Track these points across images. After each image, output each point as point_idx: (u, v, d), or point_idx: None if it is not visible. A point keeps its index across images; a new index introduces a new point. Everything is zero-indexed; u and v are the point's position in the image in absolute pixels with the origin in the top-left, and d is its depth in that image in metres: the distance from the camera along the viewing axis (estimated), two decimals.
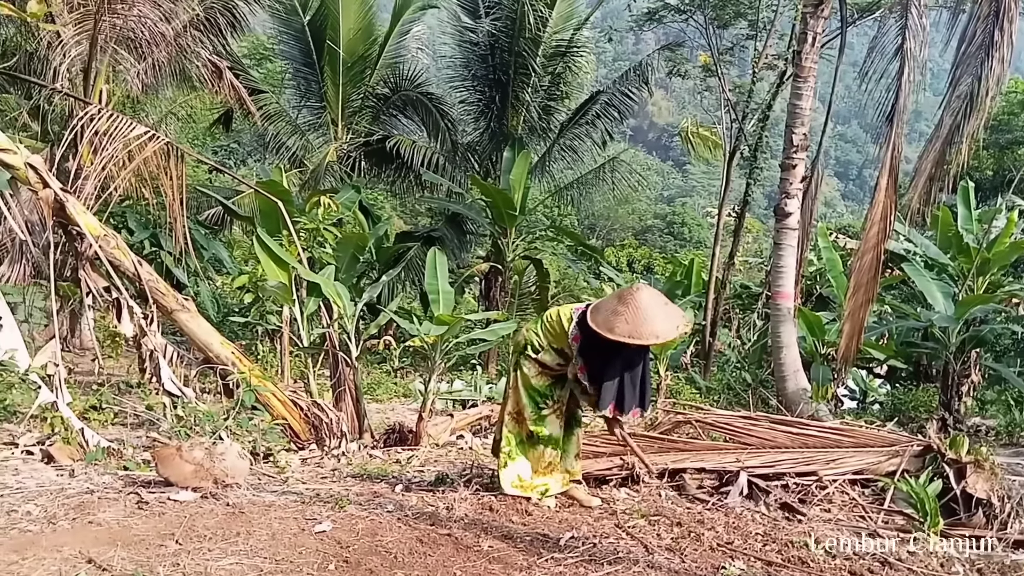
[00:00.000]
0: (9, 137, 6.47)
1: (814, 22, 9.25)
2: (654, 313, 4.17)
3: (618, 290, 4.50)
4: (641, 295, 4.21)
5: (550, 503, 4.60)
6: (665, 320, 4.20)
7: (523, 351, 4.68)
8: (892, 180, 8.25)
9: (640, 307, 4.15)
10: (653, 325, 4.15)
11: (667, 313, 4.25)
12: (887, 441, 5.39)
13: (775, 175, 11.75)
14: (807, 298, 13.86)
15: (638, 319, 4.13)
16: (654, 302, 4.23)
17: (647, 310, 4.16)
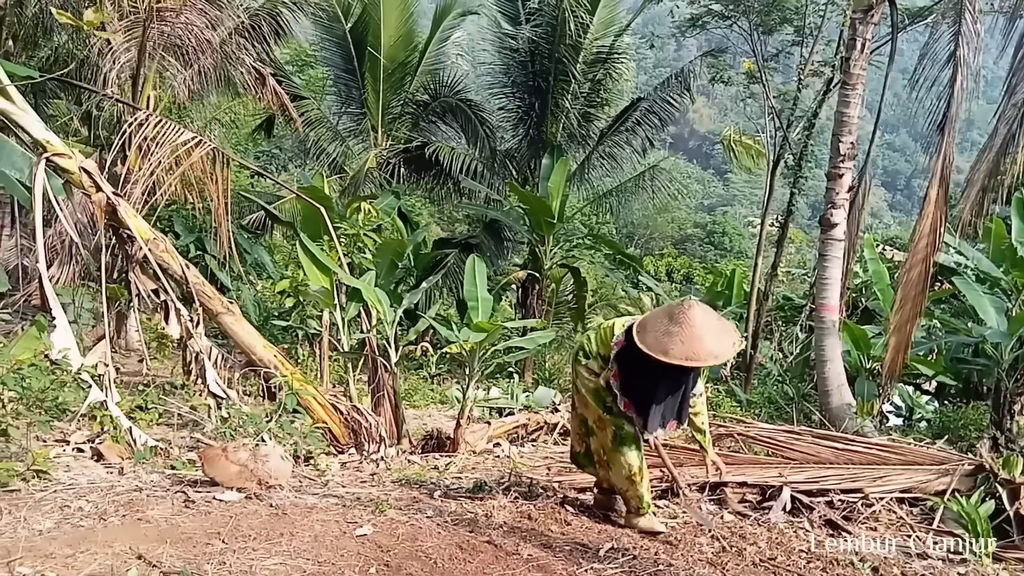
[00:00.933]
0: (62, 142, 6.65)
1: (863, 28, 9.08)
2: (709, 331, 3.90)
3: (667, 306, 4.17)
4: (694, 312, 3.92)
5: (647, 523, 4.34)
6: (721, 338, 3.94)
7: (576, 356, 4.57)
8: (943, 191, 8.06)
9: (694, 325, 3.87)
10: (710, 345, 3.87)
11: (722, 329, 4.00)
12: (937, 459, 5.27)
13: (819, 184, 11.57)
14: (852, 311, 13.60)
15: (693, 339, 3.85)
16: (708, 319, 3.95)
17: (702, 328, 3.87)
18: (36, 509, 4.00)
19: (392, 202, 14.28)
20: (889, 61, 9.74)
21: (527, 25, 17.25)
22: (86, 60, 11.42)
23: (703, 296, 17.35)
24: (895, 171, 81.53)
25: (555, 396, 9.08)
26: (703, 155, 74.90)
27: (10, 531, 3.66)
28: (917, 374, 12.03)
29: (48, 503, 4.11)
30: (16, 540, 3.51)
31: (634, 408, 4.20)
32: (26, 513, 3.90)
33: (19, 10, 11.44)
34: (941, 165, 8.13)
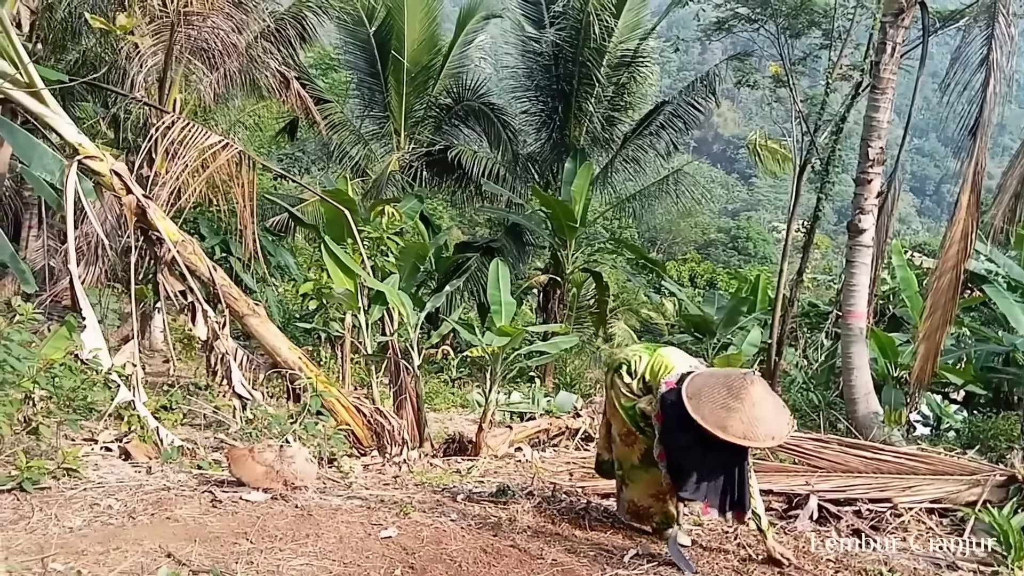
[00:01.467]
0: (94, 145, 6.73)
1: (894, 32, 8.97)
2: (768, 410, 3.72)
3: (724, 374, 4.03)
4: (756, 390, 3.72)
5: (673, 532, 4.12)
6: (778, 418, 3.75)
7: (617, 369, 4.36)
8: (974, 197, 7.94)
9: (756, 404, 3.67)
10: (769, 425, 3.68)
11: (777, 408, 3.81)
12: (967, 470, 5.18)
13: (846, 189, 11.47)
14: (879, 318, 13.42)
15: (753, 418, 3.65)
16: (767, 397, 3.77)
17: (762, 407, 3.69)
18: (67, 507, 4.06)
19: (415, 205, 14.32)
20: (920, 65, 9.61)
21: (551, 28, 17.24)
22: (114, 64, 11.56)
23: (727, 302, 17.21)
24: (924, 176, 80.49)
25: (576, 401, 9.05)
26: (727, 159, 74.43)
27: (42, 528, 3.71)
28: (946, 383, 11.86)
29: (78, 501, 4.17)
30: (49, 537, 3.57)
31: (667, 464, 4.00)
32: (57, 510, 3.96)
33: (49, 14, 11.61)
34: (973, 170, 8.01)
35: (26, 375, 4.60)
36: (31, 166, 6.68)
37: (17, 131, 6.86)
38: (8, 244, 6.92)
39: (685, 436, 3.83)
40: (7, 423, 4.37)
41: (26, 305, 4.58)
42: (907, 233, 51.58)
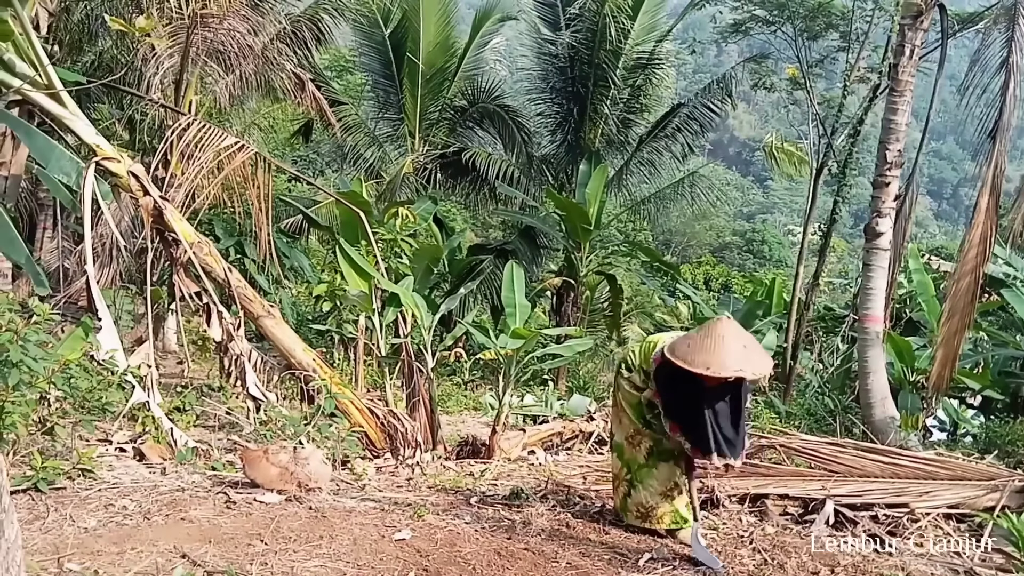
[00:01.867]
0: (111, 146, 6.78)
1: (912, 34, 8.89)
2: (735, 345, 3.86)
3: (700, 326, 4.19)
4: (723, 326, 3.92)
5: (694, 529, 4.16)
6: (746, 355, 3.87)
7: (619, 369, 4.53)
8: (993, 200, 7.85)
9: (721, 338, 3.85)
10: (732, 359, 3.82)
11: (750, 348, 3.93)
12: (986, 475, 5.12)
13: (863, 193, 11.39)
14: (896, 322, 13.32)
15: (716, 350, 3.81)
16: (737, 335, 3.93)
17: (728, 342, 3.84)
18: (82, 507, 4.08)
19: (429, 207, 14.34)
20: (938, 67, 9.52)
21: (567, 31, 17.21)
22: (130, 66, 11.65)
23: (742, 306, 17.11)
24: (941, 180, 79.80)
25: (590, 404, 9.01)
26: (743, 162, 74.09)
27: (57, 528, 3.73)
28: (963, 388, 11.76)
29: (93, 501, 4.19)
30: (64, 537, 3.59)
31: (681, 431, 4.11)
32: (72, 511, 3.98)
33: (66, 16, 11.71)
34: (992, 173, 7.92)
35: (42, 376, 4.62)
36: (48, 168, 6.72)
37: (35, 133, 6.91)
38: (23, 245, 6.95)
39: (681, 394, 4.04)
40: (23, 423, 4.39)
41: (43, 306, 4.60)
42: (924, 237, 51.16)
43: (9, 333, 4.34)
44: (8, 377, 4.30)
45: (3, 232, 6.57)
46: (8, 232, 6.63)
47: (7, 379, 4.31)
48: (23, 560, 2.03)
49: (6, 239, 6.61)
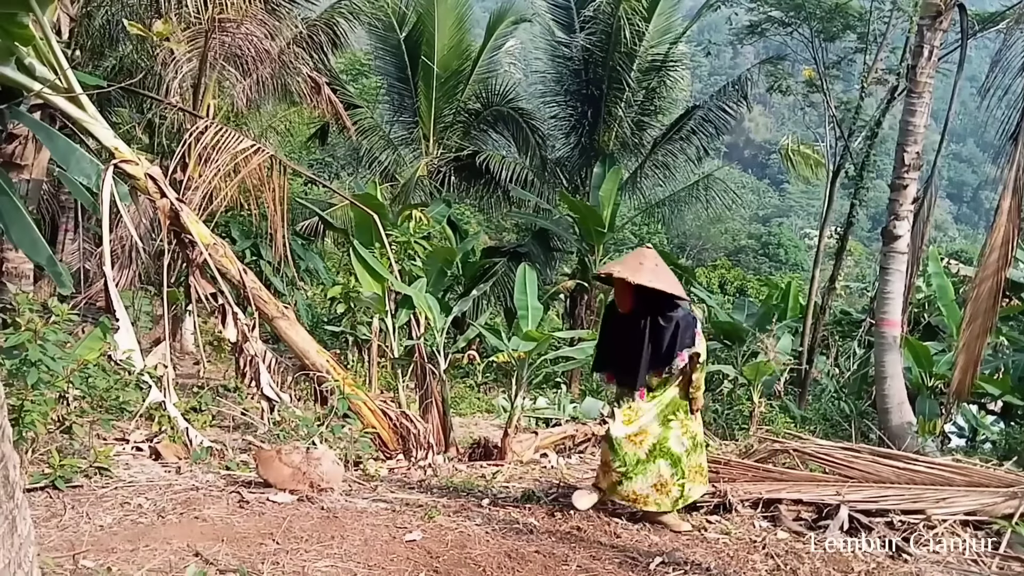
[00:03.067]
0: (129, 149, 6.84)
1: (931, 35, 8.80)
2: (637, 261, 4.47)
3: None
4: (640, 249, 4.64)
5: (671, 520, 4.53)
6: (640, 268, 4.39)
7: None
8: (1015, 203, 7.73)
9: (631, 254, 4.59)
10: (624, 267, 4.45)
11: (653, 267, 4.43)
12: (1004, 481, 5.05)
13: (880, 195, 11.30)
14: (914, 327, 13.21)
15: (619, 262, 4.52)
16: (645, 255, 4.53)
17: (632, 258, 4.55)
18: (98, 505, 4.12)
19: (443, 210, 14.37)
20: (958, 68, 9.41)
21: (581, 33, 17.22)
22: (150, 70, 11.77)
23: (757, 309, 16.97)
24: (961, 182, 78.90)
25: (603, 407, 9.00)
26: (759, 165, 73.68)
27: (73, 525, 3.78)
28: (982, 393, 11.63)
29: (109, 499, 4.23)
30: (80, 534, 3.63)
31: (616, 378, 4.74)
32: (88, 508, 4.03)
33: (88, 21, 11.84)
34: (1014, 176, 7.80)
35: (61, 375, 4.68)
36: (69, 170, 6.80)
37: (56, 136, 6.99)
38: (46, 247, 7.04)
39: (604, 335, 4.84)
40: (42, 422, 4.45)
41: (62, 306, 4.66)
42: (944, 240, 50.66)
43: (29, 333, 4.40)
44: (27, 376, 4.37)
45: (26, 233, 6.66)
46: (31, 233, 6.72)
47: (27, 378, 4.37)
48: (36, 556, 2.06)
49: (29, 240, 6.71)
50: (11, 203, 6.56)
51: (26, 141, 9.48)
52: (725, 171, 23.39)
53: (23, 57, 5.73)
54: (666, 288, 4.41)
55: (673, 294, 4.44)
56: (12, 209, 6.57)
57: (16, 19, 4.91)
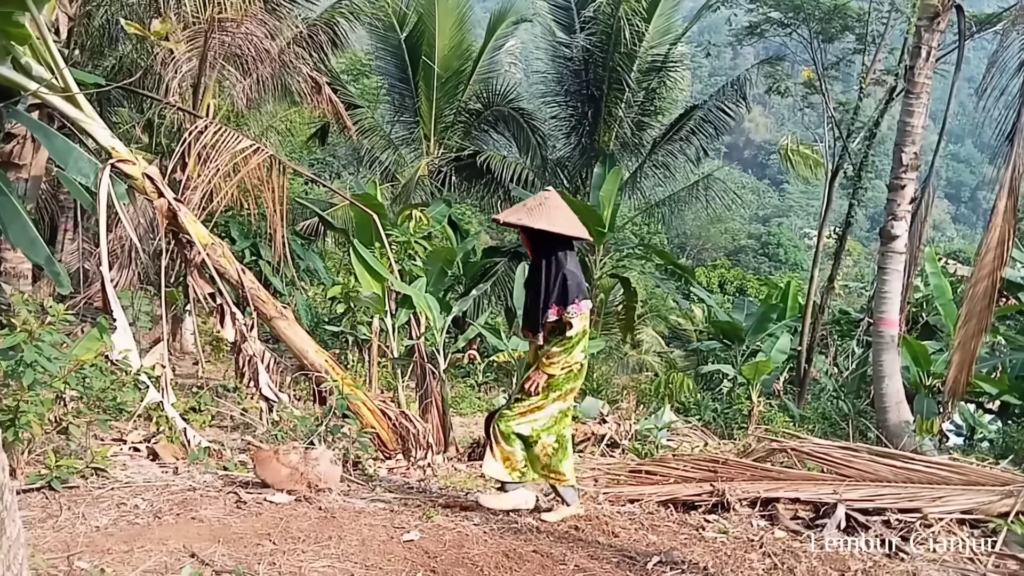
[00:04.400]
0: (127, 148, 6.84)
1: (929, 36, 8.84)
2: (532, 203, 4.51)
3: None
4: (544, 193, 4.58)
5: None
6: (526, 212, 4.44)
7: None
8: (1012, 203, 7.77)
9: (536, 198, 4.55)
10: (519, 213, 4.51)
11: (544, 212, 4.41)
12: (1001, 480, 5.06)
13: (879, 196, 11.33)
14: (912, 326, 13.24)
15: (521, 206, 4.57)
16: (543, 198, 4.51)
17: (531, 201, 4.56)
18: (94, 505, 4.11)
19: (443, 210, 14.36)
20: (956, 69, 9.45)
21: (582, 34, 17.24)
22: (149, 69, 11.76)
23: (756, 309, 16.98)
24: (959, 183, 78.97)
25: (603, 407, 9.01)
26: (758, 165, 73.70)
27: (69, 526, 3.77)
28: (980, 392, 11.66)
29: (106, 500, 4.23)
30: (75, 535, 3.62)
31: (523, 327, 4.84)
32: (85, 509, 4.02)
33: (87, 21, 11.84)
34: (1010, 176, 7.84)
35: (57, 375, 4.68)
36: (67, 169, 6.80)
37: (54, 135, 6.99)
38: (44, 247, 7.04)
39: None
40: (38, 423, 4.43)
41: (58, 306, 4.65)
42: (942, 240, 50.73)
43: (24, 333, 4.40)
44: (23, 377, 4.36)
45: (24, 233, 6.67)
46: (29, 233, 6.72)
47: (22, 379, 4.37)
48: (26, 558, 2.06)
49: (27, 240, 6.71)
50: (9, 203, 6.56)
51: (24, 140, 9.48)
52: (725, 171, 23.42)
53: (20, 56, 5.73)
54: (553, 228, 4.32)
55: (565, 234, 4.38)
56: (10, 209, 6.57)
57: (12, 18, 4.92)
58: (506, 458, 4.47)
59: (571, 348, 4.39)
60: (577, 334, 4.37)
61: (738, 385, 11.79)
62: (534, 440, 4.47)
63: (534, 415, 4.46)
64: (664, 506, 5.02)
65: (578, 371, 4.51)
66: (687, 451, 7.30)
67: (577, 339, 4.39)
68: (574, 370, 4.48)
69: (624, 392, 13.57)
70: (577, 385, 4.57)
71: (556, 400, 4.48)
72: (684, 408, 10.39)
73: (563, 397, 4.51)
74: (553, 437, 4.51)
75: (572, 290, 4.31)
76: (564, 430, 4.57)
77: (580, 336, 4.40)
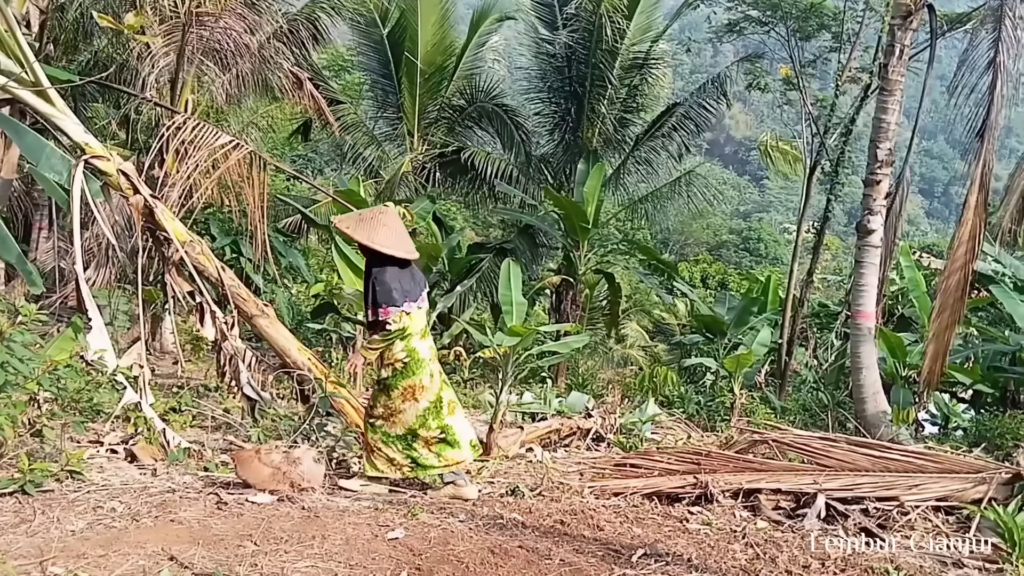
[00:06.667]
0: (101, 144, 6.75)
1: (902, 34, 8.95)
2: (367, 215, 5.08)
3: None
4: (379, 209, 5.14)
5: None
6: (357, 219, 5.09)
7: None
8: (982, 197, 7.91)
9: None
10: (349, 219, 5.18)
11: (366, 218, 4.98)
12: (974, 467, 5.16)
13: (856, 191, 11.44)
14: (888, 318, 13.38)
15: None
16: (370, 209, 5.19)
17: (365, 212, 5.23)
18: (69, 509, 4.02)
19: (428, 206, 14.34)
20: (928, 67, 9.59)
21: (564, 30, 17.23)
22: (125, 64, 11.61)
23: (738, 303, 17.08)
24: (932, 178, 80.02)
25: (588, 401, 9.03)
26: (739, 161, 74.18)
27: (43, 531, 3.68)
28: (954, 382, 11.84)
29: (81, 503, 4.14)
30: (49, 540, 3.54)
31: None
32: (59, 513, 3.93)
33: (60, 14, 11.68)
34: (980, 172, 7.98)
35: (30, 377, 4.58)
36: (39, 166, 6.69)
37: (25, 131, 6.86)
38: (15, 245, 6.93)
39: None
40: (10, 425, 4.33)
41: (30, 306, 4.57)
42: (916, 234, 51.38)
43: None
44: None
45: None
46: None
47: None
48: None
49: None
50: None
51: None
52: (706, 167, 23.46)
53: None
54: (370, 243, 4.83)
55: (370, 246, 4.84)
56: None
57: None
58: (389, 460, 4.96)
59: (390, 342, 4.87)
60: (394, 332, 4.83)
61: (720, 378, 11.87)
62: (413, 436, 4.96)
63: (394, 418, 4.95)
64: (649, 499, 5.06)
65: (403, 369, 4.92)
66: (671, 444, 7.34)
67: (396, 335, 4.84)
68: (397, 367, 4.92)
69: (609, 386, 13.60)
70: (418, 382, 4.94)
71: (405, 399, 4.93)
72: (668, 401, 10.42)
73: (411, 395, 4.93)
74: (438, 430, 4.98)
75: (380, 297, 4.79)
76: (448, 420, 5.03)
77: (399, 334, 4.84)
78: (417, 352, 4.94)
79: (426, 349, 5.02)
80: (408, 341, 4.89)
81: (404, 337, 4.86)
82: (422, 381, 4.95)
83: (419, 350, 4.95)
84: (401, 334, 4.84)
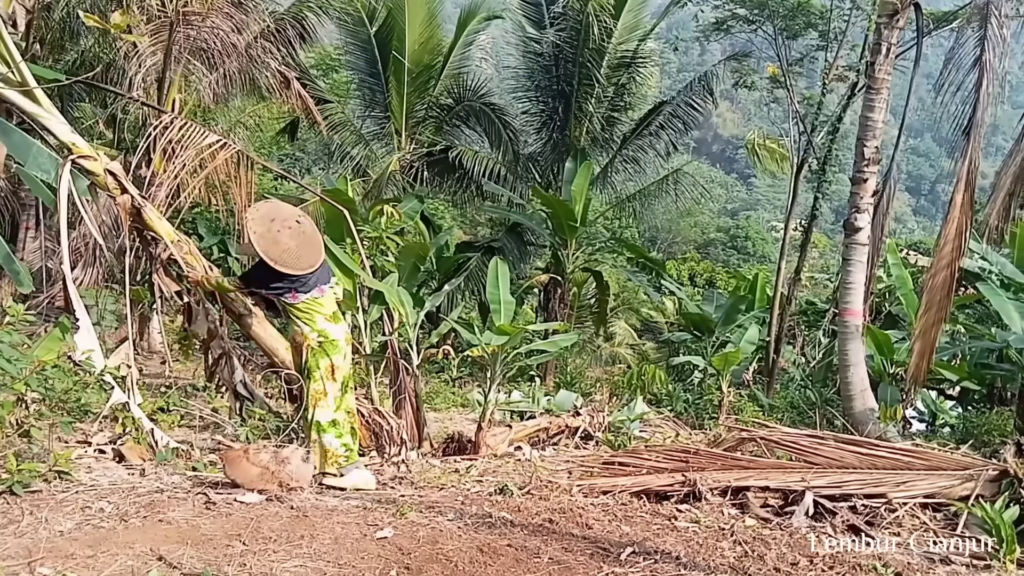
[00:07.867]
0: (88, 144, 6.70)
1: (888, 32, 9.02)
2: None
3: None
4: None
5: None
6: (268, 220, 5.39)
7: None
8: (968, 195, 7.98)
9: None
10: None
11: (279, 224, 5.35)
12: (961, 464, 5.20)
13: (843, 189, 11.52)
14: (876, 316, 13.48)
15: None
16: (293, 218, 5.45)
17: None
18: (57, 510, 4.00)
19: (415, 206, 14.29)
20: (914, 66, 9.66)
21: (551, 29, 17.26)
22: (112, 64, 11.55)
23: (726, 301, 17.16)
24: (919, 176, 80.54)
25: (577, 400, 9.05)
26: (726, 159, 74.45)
27: (31, 531, 3.66)
28: (941, 379, 11.92)
29: (69, 504, 4.11)
30: (37, 540, 3.52)
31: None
32: (47, 514, 3.91)
33: (46, 14, 11.60)
34: (967, 169, 8.04)
35: (18, 377, 4.56)
36: (26, 165, 6.65)
37: (12, 130, 6.82)
38: (3, 245, 6.88)
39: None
40: None
41: (17, 306, 4.54)
42: (903, 232, 51.70)
43: None
44: None
45: None
46: None
47: None
48: None
49: None
50: None
51: None
52: (694, 166, 23.57)
53: None
54: (256, 247, 5.24)
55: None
56: None
57: None
58: (324, 452, 5.14)
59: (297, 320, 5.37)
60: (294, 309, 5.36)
61: (709, 376, 11.93)
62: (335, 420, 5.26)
63: (324, 400, 5.27)
64: (637, 497, 5.07)
65: (318, 348, 5.30)
66: (659, 442, 7.36)
67: (296, 314, 5.37)
68: (312, 346, 5.31)
69: (597, 384, 13.65)
70: (330, 364, 5.32)
71: (326, 380, 5.28)
72: (656, 399, 10.47)
73: (328, 377, 5.30)
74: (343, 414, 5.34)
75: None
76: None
77: (300, 313, 5.35)
78: (328, 333, 5.34)
79: (338, 332, 5.43)
80: (315, 323, 5.32)
81: (310, 318, 5.30)
82: (336, 362, 5.32)
83: (330, 331, 5.35)
84: (306, 314, 5.30)
